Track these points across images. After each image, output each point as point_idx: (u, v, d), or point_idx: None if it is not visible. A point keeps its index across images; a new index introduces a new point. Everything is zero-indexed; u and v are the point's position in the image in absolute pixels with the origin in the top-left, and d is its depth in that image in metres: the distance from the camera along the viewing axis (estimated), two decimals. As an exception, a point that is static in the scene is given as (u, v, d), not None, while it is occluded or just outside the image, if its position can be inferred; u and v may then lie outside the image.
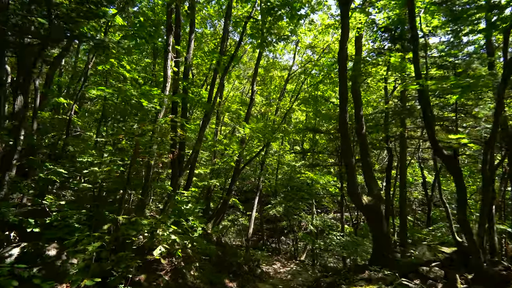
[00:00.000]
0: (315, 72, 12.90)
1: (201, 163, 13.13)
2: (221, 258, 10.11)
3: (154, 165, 6.28)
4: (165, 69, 6.40)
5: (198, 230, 7.03)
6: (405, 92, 11.21)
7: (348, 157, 6.79)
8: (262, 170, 14.03)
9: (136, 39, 6.83)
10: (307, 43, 14.29)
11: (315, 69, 11.63)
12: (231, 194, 12.66)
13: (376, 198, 7.04)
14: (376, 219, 6.87)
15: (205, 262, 8.80)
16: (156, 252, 4.99)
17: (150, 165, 6.27)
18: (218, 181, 10.44)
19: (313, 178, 12.77)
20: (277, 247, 17.31)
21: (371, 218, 7.00)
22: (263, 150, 13.23)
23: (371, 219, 7.02)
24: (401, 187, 10.84)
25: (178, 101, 11.00)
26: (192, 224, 7.30)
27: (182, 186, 10.40)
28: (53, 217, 5.21)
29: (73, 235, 4.82)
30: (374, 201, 6.97)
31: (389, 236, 6.84)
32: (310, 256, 16.46)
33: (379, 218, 6.88)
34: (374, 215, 6.91)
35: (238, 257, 10.97)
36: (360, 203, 6.87)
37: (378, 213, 6.89)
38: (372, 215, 6.92)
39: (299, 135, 15.39)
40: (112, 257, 4.68)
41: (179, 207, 7.10)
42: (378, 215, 6.89)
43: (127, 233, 4.63)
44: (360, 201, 6.87)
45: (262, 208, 16.78)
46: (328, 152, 12.76)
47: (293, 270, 13.70)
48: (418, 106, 9.24)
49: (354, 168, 6.93)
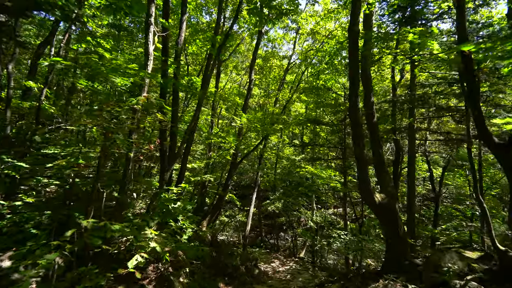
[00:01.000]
0: (316, 61, 11.76)
1: (195, 157, 12.03)
2: (216, 260, 9.09)
3: (134, 157, 5.20)
4: (146, 44, 5.26)
5: (188, 232, 5.98)
6: (415, 80, 10.14)
7: (360, 148, 5.72)
8: (260, 164, 12.96)
9: (114, 12, 5.66)
10: (308, 30, 13.11)
11: (317, 55, 10.52)
12: (228, 190, 11.61)
13: (390, 195, 6.00)
14: (391, 219, 5.84)
15: (197, 265, 7.78)
16: (131, 264, 3.93)
17: (129, 158, 5.18)
18: (213, 176, 9.38)
19: (314, 172, 11.74)
20: (276, 243, 16.35)
21: (384, 219, 5.96)
22: (262, 143, 12.15)
23: (384, 220, 5.98)
24: (410, 183, 9.84)
25: (168, 88, 9.84)
26: (182, 224, 6.26)
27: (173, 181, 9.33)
28: (5, 221, 4.14)
29: (28, 243, 3.76)
30: (388, 199, 5.93)
31: (406, 239, 5.83)
32: (309, 252, 15.55)
33: (394, 219, 5.84)
34: (388, 215, 5.87)
35: (235, 257, 9.96)
36: (373, 201, 5.82)
37: (393, 213, 5.85)
38: (386, 215, 5.88)
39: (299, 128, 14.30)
40: (73, 272, 3.63)
41: (166, 206, 6.04)
42: (393, 215, 5.85)
43: (91, 241, 3.57)
44: (373, 199, 5.82)
45: (260, 203, 15.79)
46: (331, 145, 11.69)
47: (292, 269, 12.75)
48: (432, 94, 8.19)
49: (366, 162, 5.86)
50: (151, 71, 5.41)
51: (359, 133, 5.80)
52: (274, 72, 14.66)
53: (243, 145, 11.93)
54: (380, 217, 6.04)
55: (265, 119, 9.26)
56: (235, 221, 14.48)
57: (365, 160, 5.84)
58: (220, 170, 11.59)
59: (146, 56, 5.28)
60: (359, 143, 5.79)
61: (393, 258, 5.74)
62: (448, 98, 8.57)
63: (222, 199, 11.22)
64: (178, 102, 8.91)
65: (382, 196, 5.96)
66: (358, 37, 5.87)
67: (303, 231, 15.00)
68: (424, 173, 14.37)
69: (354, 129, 5.89)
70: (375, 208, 5.98)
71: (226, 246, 11.40)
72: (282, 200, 13.87)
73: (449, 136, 10.71)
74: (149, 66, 5.30)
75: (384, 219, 5.96)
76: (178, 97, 8.94)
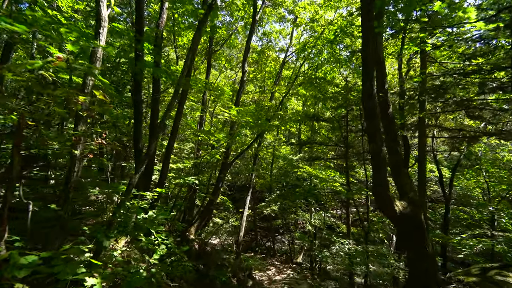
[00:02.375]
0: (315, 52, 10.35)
1: (183, 156, 10.56)
2: (203, 274, 7.63)
3: (80, 156, 3.75)
4: (98, 6, 3.80)
5: (158, 251, 4.53)
6: (426, 70, 8.77)
7: (377, 144, 4.31)
8: (255, 165, 11.52)
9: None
10: (306, 20, 11.71)
11: (317, 44, 9.14)
12: (219, 193, 10.14)
13: (414, 203, 4.59)
14: (416, 233, 4.43)
15: (179, 284, 6.34)
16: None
17: (74, 156, 3.73)
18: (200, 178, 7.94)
19: (313, 173, 10.36)
20: (272, 247, 14.89)
21: (407, 232, 4.54)
22: (256, 141, 10.72)
23: (407, 233, 4.56)
24: (420, 184, 8.47)
25: (144, 76, 8.35)
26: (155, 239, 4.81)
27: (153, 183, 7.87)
28: None
29: None
30: (411, 208, 4.52)
31: (435, 259, 4.42)
32: (307, 256, 14.14)
33: (419, 232, 4.44)
34: (412, 228, 4.46)
35: (225, 269, 8.52)
36: (392, 210, 4.41)
37: (418, 226, 4.44)
38: (410, 227, 4.48)
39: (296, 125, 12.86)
40: None
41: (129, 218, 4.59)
42: (419, 228, 4.45)
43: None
44: (392, 208, 4.41)
45: (255, 206, 14.35)
46: (332, 143, 10.27)
47: (290, 277, 11.31)
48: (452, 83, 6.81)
49: (385, 161, 4.45)
50: (103, 41, 3.95)
51: (376, 125, 4.38)
52: (270, 66, 13.24)
53: (236, 144, 10.51)
54: (402, 230, 4.63)
55: (259, 113, 7.84)
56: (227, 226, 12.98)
57: (384, 158, 4.42)
58: (210, 171, 10.13)
59: (98, 21, 3.83)
60: (375, 137, 4.37)
61: (419, 283, 4.33)
62: (468, 89, 7.20)
63: (213, 203, 9.77)
64: (159, 92, 7.48)
65: (403, 204, 4.55)
66: (373, 4, 4.46)
67: (301, 234, 13.60)
68: (428, 173, 13.02)
69: (370, 121, 4.47)
70: (395, 219, 4.56)
71: (217, 254, 9.93)
72: (279, 202, 12.43)
73: (462, 133, 9.37)
74: (102, 35, 3.86)
75: (407, 233, 4.55)
76: (159, 88, 7.51)
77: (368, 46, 4.42)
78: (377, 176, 4.55)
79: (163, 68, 7.01)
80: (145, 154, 4.97)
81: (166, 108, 4.93)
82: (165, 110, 5.03)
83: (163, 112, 8.80)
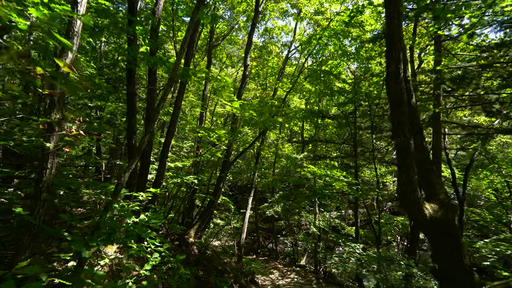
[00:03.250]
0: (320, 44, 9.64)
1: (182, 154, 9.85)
2: (202, 282, 6.92)
3: (54, 149, 3.06)
4: (76, -30, 3.12)
5: (151, 260, 3.83)
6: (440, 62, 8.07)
7: (406, 137, 3.61)
8: (257, 164, 10.82)
9: None
10: (310, 13, 11.02)
11: (324, 35, 8.45)
12: (219, 193, 9.43)
13: (446, 206, 3.88)
14: (450, 241, 3.72)
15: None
16: None
17: (46, 150, 3.03)
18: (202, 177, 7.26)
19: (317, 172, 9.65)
20: (275, 249, 14.15)
21: (439, 240, 3.83)
22: (259, 139, 10.03)
23: (439, 241, 3.85)
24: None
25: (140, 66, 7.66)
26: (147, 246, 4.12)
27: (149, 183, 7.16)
28: None
29: None
30: (443, 212, 3.81)
31: (472, 271, 3.70)
32: (311, 258, 13.43)
33: (454, 240, 3.73)
34: (444, 235, 3.75)
35: (226, 275, 7.80)
36: (421, 214, 3.70)
37: (452, 233, 3.74)
38: (441, 235, 3.77)
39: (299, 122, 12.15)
40: None
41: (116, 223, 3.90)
42: (452, 236, 3.74)
43: None
44: (421, 211, 3.70)
45: (257, 206, 13.64)
46: (340, 141, 9.55)
47: (294, 281, 10.57)
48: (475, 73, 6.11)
49: (413, 157, 3.74)
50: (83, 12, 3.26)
51: (404, 113, 3.66)
52: (273, 62, 12.54)
53: (238, 142, 9.83)
54: (433, 237, 3.90)
55: (262, 108, 7.15)
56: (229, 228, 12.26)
57: (413, 154, 3.71)
58: (210, 170, 9.42)
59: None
60: (403, 129, 3.66)
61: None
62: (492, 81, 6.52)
63: (213, 204, 9.07)
64: (156, 84, 6.80)
65: (434, 207, 3.84)
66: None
67: (304, 237, 12.88)
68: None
69: (395, 110, 3.75)
70: (423, 225, 3.84)
71: (218, 258, 9.22)
72: (282, 204, 11.72)
73: (477, 130, 8.67)
74: (81, 6, 3.17)
75: (439, 241, 3.83)
76: (156, 79, 6.82)
77: (393, 22, 3.71)
78: (404, 175, 3.84)
79: (159, 55, 6.32)
80: (137, 147, 4.25)
81: (160, 98, 4.24)
82: (160, 98, 4.34)
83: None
